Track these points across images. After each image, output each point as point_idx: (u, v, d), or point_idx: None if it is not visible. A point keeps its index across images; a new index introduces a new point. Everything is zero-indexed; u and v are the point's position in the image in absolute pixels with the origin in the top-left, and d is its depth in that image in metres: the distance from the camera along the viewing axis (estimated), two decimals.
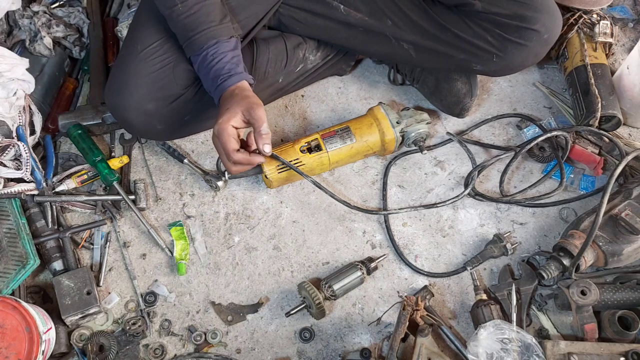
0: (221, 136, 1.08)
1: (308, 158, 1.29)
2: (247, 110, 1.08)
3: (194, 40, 1.13)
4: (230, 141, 1.08)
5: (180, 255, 1.27)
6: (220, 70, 1.12)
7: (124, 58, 1.22)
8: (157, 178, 1.39)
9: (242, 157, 1.10)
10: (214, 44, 1.12)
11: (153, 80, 1.19)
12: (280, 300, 1.23)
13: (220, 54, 1.13)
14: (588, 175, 1.35)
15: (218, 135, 1.08)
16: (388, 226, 1.30)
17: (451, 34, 1.23)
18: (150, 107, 1.21)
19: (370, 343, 1.18)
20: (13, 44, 1.46)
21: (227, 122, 1.07)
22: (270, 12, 1.32)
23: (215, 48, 1.13)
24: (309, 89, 1.50)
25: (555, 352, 1.07)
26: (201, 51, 1.13)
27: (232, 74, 1.12)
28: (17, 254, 1.19)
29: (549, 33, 1.20)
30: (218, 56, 1.13)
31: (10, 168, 1.27)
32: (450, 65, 1.31)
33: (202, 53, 1.13)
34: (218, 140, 1.09)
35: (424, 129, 1.33)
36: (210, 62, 1.13)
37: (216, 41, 1.12)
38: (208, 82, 1.15)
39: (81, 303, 1.16)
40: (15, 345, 1.01)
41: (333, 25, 1.34)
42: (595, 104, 1.32)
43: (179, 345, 1.19)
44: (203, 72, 1.15)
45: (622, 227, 1.13)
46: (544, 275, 1.16)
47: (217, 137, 1.09)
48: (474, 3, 1.19)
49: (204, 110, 1.29)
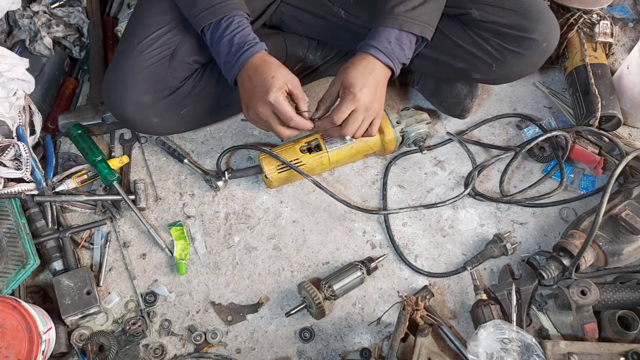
0: (280, 104, 1.10)
1: (308, 158, 1.29)
2: (290, 81, 1.11)
3: (220, 7, 1.13)
4: (289, 106, 1.11)
5: (180, 255, 1.27)
6: (246, 37, 1.13)
7: (121, 52, 1.23)
8: (157, 178, 1.39)
9: (300, 120, 1.13)
10: (241, 14, 1.14)
11: (150, 74, 1.20)
12: (280, 300, 1.23)
13: (245, 23, 1.14)
14: (588, 175, 1.35)
15: (276, 102, 1.09)
16: (388, 226, 1.30)
17: (450, 42, 1.23)
18: (146, 100, 1.21)
19: (370, 343, 1.18)
20: (13, 44, 1.46)
21: (280, 90, 1.10)
22: (269, 10, 1.32)
23: (241, 17, 1.14)
24: (308, 87, 1.50)
25: (555, 352, 1.07)
26: (228, 17, 1.13)
27: (258, 41, 1.14)
28: (17, 254, 1.19)
29: (547, 42, 1.20)
30: (244, 24, 1.14)
31: (10, 168, 1.27)
32: (449, 74, 1.32)
33: (228, 19, 1.13)
34: (276, 107, 1.10)
35: (424, 128, 1.33)
36: (236, 28, 1.13)
37: (243, 12, 1.14)
38: (230, 48, 1.14)
39: (81, 303, 1.16)
40: (15, 345, 1.01)
41: (334, 28, 1.34)
42: (595, 103, 1.32)
43: (179, 345, 1.19)
44: (225, 38, 1.14)
45: (622, 227, 1.13)
46: (544, 275, 1.16)
47: (273, 105, 1.10)
48: (472, 12, 1.19)
49: (201, 104, 1.29)
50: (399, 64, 1.17)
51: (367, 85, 1.12)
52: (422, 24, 1.14)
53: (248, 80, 1.13)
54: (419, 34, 1.15)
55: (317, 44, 1.42)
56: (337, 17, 1.33)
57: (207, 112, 1.32)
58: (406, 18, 1.13)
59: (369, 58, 1.14)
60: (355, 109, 1.12)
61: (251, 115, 1.15)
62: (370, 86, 1.12)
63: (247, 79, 1.13)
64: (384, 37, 1.13)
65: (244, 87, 1.14)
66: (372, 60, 1.13)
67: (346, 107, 1.12)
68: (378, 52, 1.13)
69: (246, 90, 1.14)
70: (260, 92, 1.10)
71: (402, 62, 1.17)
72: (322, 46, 1.42)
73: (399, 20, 1.13)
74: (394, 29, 1.13)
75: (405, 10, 1.12)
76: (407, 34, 1.14)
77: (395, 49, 1.14)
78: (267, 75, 1.10)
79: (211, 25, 1.15)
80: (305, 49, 1.41)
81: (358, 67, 1.13)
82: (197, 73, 1.27)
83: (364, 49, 1.15)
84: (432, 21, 1.16)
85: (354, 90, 1.11)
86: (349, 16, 1.32)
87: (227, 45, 1.14)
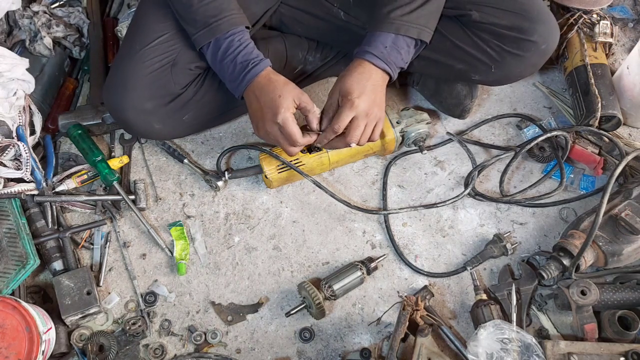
0: (289, 126, 1.10)
1: (308, 158, 1.29)
2: (297, 97, 1.11)
3: (217, 25, 1.12)
4: (297, 128, 1.12)
5: (180, 255, 1.27)
6: (249, 54, 1.13)
7: (122, 57, 1.22)
8: (157, 178, 1.39)
9: (307, 140, 1.14)
10: (240, 31, 1.13)
11: (151, 80, 1.19)
12: (280, 300, 1.23)
13: (246, 40, 1.14)
14: (588, 175, 1.36)
15: (284, 124, 1.10)
16: (388, 226, 1.30)
17: (450, 43, 1.23)
18: (148, 106, 1.21)
19: (370, 343, 1.18)
20: (13, 44, 1.46)
21: (289, 111, 1.10)
22: (267, 13, 1.32)
23: (241, 34, 1.13)
24: (308, 88, 1.50)
25: (555, 352, 1.07)
26: (227, 35, 1.12)
27: (262, 58, 1.14)
28: (17, 254, 1.19)
29: (546, 44, 1.20)
30: (245, 41, 1.13)
31: (10, 168, 1.27)
32: (449, 75, 1.32)
33: (227, 38, 1.12)
34: (284, 129, 1.11)
35: (424, 128, 1.33)
36: (237, 47, 1.12)
37: (242, 27, 1.14)
38: (235, 67, 1.13)
39: (81, 303, 1.16)
40: (15, 345, 1.01)
41: (334, 29, 1.34)
42: (595, 104, 1.32)
43: (179, 345, 1.19)
44: (228, 58, 1.13)
45: (622, 227, 1.13)
46: (544, 275, 1.16)
47: (281, 126, 1.11)
48: (472, 13, 1.19)
49: (203, 110, 1.29)
50: (396, 68, 1.16)
51: (364, 91, 1.11)
52: (419, 27, 1.14)
53: (255, 101, 1.13)
54: (416, 37, 1.14)
55: (316, 46, 1.42)
56: (336, 18, 1.33)
57: (209, 118, 1.32)
58: (402, 22, 1.13)
59: (365, 64, 1.13)
60: (356, 116, 1.12)
61: (261, 134, 1.16)
62: (368, 92, 1.12)
63: (254, 99, 1.14)
64: (379, 42, 1.13)
65: (252, 107, 1.15)
66: (369, 66, 1.13)
67: (345, 114, 1.11)
68: (374, 58, 1.13)
69: (254, 110, 1.14)
70: (268, 113, 1.11)
71: (399, 66, 1.17)
72: (322, 47, 1.42)
73: (394, 24, 1.12)
74: (390, 34, 1.13)
75: (402, 14, 1.12)
76: (404, 37, 1.14)
77: (391, 53, 1.14)
78: (274, 95, 1.10)
79: (210, 45, 1.15)
80: (305, 51, 1.41)
81: (354, 73, 1.13)
82: (199, 79, 1.26)
83: (359, 55, 1.15)
84: (429, 23, 1.16)
85: (352, 97, 1.10)
86: (348, 17, 1.32)
87: (231, 65, 1.13)
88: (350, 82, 1.12)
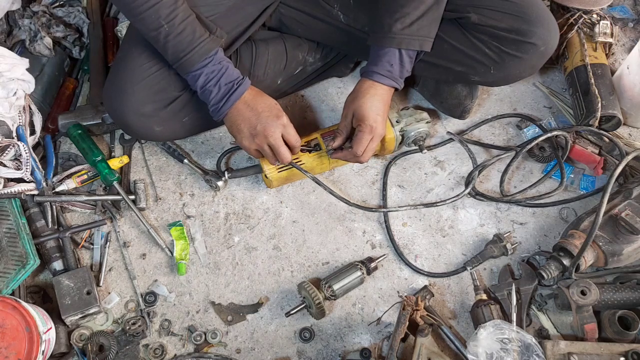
0: (280, 149, 1.18)
1: (308, 157, 1.29)
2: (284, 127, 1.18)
3: (189, 58, 1.13)
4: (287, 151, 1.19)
5: (180, 255, 1.27)
6: (231, 76, 1.16)
7: (121, 61, 1.23)
8: (157, 178, 1.39)
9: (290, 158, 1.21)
10: (213, 54, 1.15)
11: (150, 83, 1.20)
12: (280, 300, 1.23)
13: (225, 62, 1.17)
14: (588, 175, 1.35)
15: (275, 148, 1.18)
16: (388, 226, 1.30)
17: (449, 45, 1.23)
18: (147, 109, 1.21)
19: (370, 343, 1.18)
20: (13, 44, 1.46)
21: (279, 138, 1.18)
22: (266, 12, 1.32)
23: (217, 61, 1.15)
24: (308, 89, 1.50)
25: (555, 352, 1.07)
26: (202, 64, 1.14)
27: (243, 76, 1.18)
28: (17, 254, 1.19)
29: (546, 46, 1.20)
30: (223, 65, 1.16)
31: (10, 168, 1.27)
32: (448, 77, 1.32)
33: (205, 65, 1.14)
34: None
35: (423, 128, 1.33)
36: (219, 71, 1.15)
37: (215, 51, 1.15)
38: (219, 90, 1.16)
39: (81, 303, 1.16)
40: (15, 345, 1.01)
41: (333, 30, 1.34)
42: (595, 103, 1.32)
43: (179, 345, 1.19)
44: (210, 83, 1.16)
45: (622, 227, 1.13)
46: (544, 275, 1.16)
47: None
48: (470, 15, 1.19)
49: (202, 112, 1.29)
50: (401, 81, 1.22)
51: (379, 113, 1.19)
52: (421, 38, 1.18)
53: (248, 110, 1.16)
54: (418, 49, 1.18)
55: (316, 47, 1.41)
56: (336, 20, 1.33)
57: (209, 119, 1.32)
58: (404, 35, 1.16)
59: (375, 85, 1.20)
60: (372, 138, 1.20)
61: (258, 140, 1.18)
62: (381, 113, 1.20)
63: (246, 108, 1.17)
64: (385, 61, 1.18)
65: (244, 116, 1.17)
66: (378, 87, 1.20)
67: (366, 139, 1.19)
68: (382, 78, 1.19)
69: (247, 118, 1.17)
70: (270, 116, 1.16)
71: (404, 77, 1.22)
72: (322, 48, 1.42)
73: (396, 39, 1.16)
74: (394, 49, 1.17)
75: (403, 27, 1.15)
76: (407, 51, 1.18)
77: (397, 69, 1.19)
78: (270, 101, 1.17)
79: (188, 76, 1.17)
80: (305, 52, 1.40)
81: (367, 96, 1.19)
82: None
83: (368, 76, 1.20)
84: (431, 32, 1.19)
85: (369, 122, 1.18)
86: (348, 19, 1.32)
87: (215, 88, 1.16)
88: (365, 107, 1.18)
